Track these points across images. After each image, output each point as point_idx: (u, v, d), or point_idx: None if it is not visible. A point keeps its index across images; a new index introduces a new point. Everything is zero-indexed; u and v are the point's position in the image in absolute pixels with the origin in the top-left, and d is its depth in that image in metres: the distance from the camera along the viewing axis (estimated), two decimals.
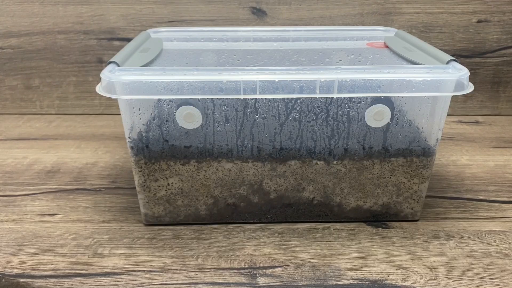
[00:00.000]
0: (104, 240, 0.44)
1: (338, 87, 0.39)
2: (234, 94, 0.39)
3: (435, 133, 0.43)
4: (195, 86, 0.39)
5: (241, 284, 0.39)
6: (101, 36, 0.71)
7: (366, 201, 0.46)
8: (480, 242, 0.44)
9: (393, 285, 0.39)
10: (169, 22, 0.71)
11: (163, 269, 0.40)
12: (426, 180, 0.45)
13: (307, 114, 0.42)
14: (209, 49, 0.56)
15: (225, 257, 0.42)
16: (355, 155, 0.44)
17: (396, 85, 0.39)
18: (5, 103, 0.75)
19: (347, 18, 0.71)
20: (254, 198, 0.45)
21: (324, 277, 0.39)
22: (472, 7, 0.70)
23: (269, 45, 0.57)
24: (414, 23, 0.71)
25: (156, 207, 0.45)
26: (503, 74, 0.74)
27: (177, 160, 0.43)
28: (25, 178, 0.56)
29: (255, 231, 0.46)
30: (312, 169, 0.44)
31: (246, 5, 0.70)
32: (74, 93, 0.75)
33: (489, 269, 0.40)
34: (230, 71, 0.39)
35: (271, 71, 0.40)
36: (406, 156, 0.44)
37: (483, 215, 0.49)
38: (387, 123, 0.42)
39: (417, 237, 0.45)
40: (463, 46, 0.72)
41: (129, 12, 0.70)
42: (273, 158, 0.44)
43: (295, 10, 0.70)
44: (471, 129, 0.71)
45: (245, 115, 0.42)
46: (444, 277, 0.39)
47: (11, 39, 0.72)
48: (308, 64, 0.51)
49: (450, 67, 0.42)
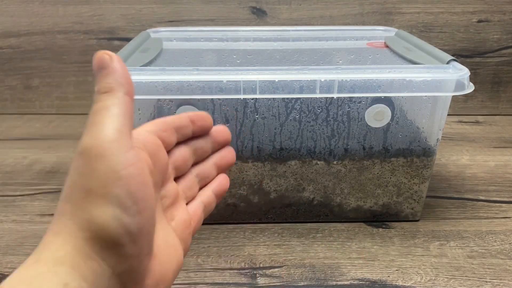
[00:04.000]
0: None
1: (338, 87, 0.39)
2: (234, 94, 0.39)
3: (436, 133, 0.43)
4: (195, 86, 0.39)
5: (241, 284, 0.39)
6: (101, 36, 0.71)
7: (367, 201, 0.46)
8: (481, 242, 0.44)
9: (393, 285, 0.39)
10: (169, 22, 0.71)
11: None
12: (426, 180, 0.45)
13: (307, 114, 0.42)
14: (209, 49, 0.56)
15: (225, 257, 0.42)
16: (355, 155, 0.44)
17: (396, 85, 0.39)
18: (5, 103, 0.75)
19: (347, 18, 0.71)
20: (254, 198, 0.45)
21: (324, 277, 0.39)
22: (472, 7, 0.70)
23: (269, 45, 0.57)
24: (414, 23, 0.71)
25: None
26: (504, 74, 0.74)
27: None
28: (25, 178, 0.56)
29: (255, 231, 0.46)
30: (312, 169, 0.44)
31: (246, 5, 0.70)
32: (74, 93, 0.75)
33: (489, 269, 0.40)
34: (230, 71, 0.39)
35: (271, 71, 0.39)
36: (407, 156, 0.44)
37: (483, 215, 0.48)
38: (388, 123, 0.42)
39: (417, 237, 0.45)
40: (464, 46, 0.72)
41: (129, 12, 0.70)
42: (273, 158, 0.43)
43: (295, 10, 0.70)
44: (471, 129, 0.71)
45: (245, 115, 0.42)
46: (445, 277, 0.39)
47: (11, 39, 0.72)
48: (308, 64, 0.51)
49: (450, 67, 0.42)
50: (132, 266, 0.22)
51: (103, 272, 0.21)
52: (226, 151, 0.32)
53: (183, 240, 0.28)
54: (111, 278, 0.22)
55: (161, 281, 0.25)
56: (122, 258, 0.22)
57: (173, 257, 0.26)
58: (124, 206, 0.21)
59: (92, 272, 0.21)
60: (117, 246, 0.21)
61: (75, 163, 0.22)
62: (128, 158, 0.22)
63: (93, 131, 0.22)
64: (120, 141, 0.22)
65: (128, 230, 0.21)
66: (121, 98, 0.23)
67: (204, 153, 0.30)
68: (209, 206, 0.31)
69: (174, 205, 0.28)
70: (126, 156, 0.22)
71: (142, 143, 0.25)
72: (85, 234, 0.21)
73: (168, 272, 0.25)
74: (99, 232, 0.21)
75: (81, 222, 0.21)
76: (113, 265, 0.22)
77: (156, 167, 0.25)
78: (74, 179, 0.22)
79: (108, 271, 0.22)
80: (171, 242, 0.26)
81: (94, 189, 0.21)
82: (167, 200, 0.27)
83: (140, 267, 0.23)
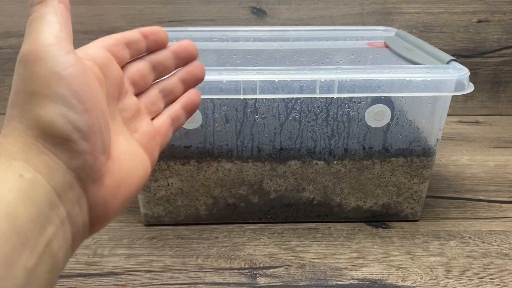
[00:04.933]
0: (104, 240, 0.44)
1: (338, 87, 0.39)
2: (234, 94, 0.39)
3: (435, 133, 0.43)
4: None
5: (241, 284, 0.39)
6: (101, 36, 0.71)
7: (366, 201, 0.46)
8: (481, 242, 0.44)
9: (393, 285, 0.39)
10: (169, 22, 0.71)
11: (163, 269, 0.40)
12: (426, 180, 0.45)
13: (307, 114, 0.42)
14: (209, 49, 0.56)
15: (225, 257, 0.42)
16: (355, 155, 0.44)
17: (396, 85, 0.39)
18: (5, 103, 0.75)
19: (347, 18, 0.71)
20: (254, 198, 0.45)
21: (324, 277, 0.39)
22: (472, 7, 0.70)
23: (269, 45, 0.57)
24: (414, 23, 0.71)
25: (156, 207, 0.45)
26: (504, 74, 0.74)
27: (177, 160, 0.43)
28: None
29: (255, 231, 0.46)
30: (312, 169, 0.44)
31: (246, 5, 0.70)
32: None
33: (489, 269, 0.40)
34: (230, 71, 0.39)
35: (271, 71, 0.40)
36: (406, 156, 0.44)
37: (483, 215, 0.48)
38: (387, 123, 0.42)
39: (417, 237, 0.45)
40: (463, 46, 0.72)
41: (129, 12, 0.70)
42: (273, 158, 0.43)
43: (295, 10, 0.70)
44: (471, 129, 0.71)
45: (245, 115, 0.42)
46: (445, 277, 0.39)
47: (11, 39, 0.72)
48: (308, 64, 0.51)
49: (450, 67, 0.42)
50: (87, 162, 0.23)
51: (57, 167, 0.22)
52: (193, 65, 0.32)
53: (148, 151, 0.29)
54: (66, 172, 0.23)
55: (123, 184, 0.26)
56: (74, 154, 0.23)
57: (137, 164, 0.28)
58: (69, 104, 0.22)
59: (46, 165, 0.22)
60: (68, 142, 0.22)
61: (17, 70, 0.23)
62: (68, 59, 0.23)
63: (31, 38, 0.23)
64: (58, 45, 0.23)
65: (77, 127, 0.23)
66: (56, 6, 0.24)
67: (165, 68, 0.31)
68: (178, 120, 0.32)
69: (136, 118, 0.29)
70: (66, 57, 0.23)
71: (91, 56, 0.26)
72: (35, 132, 0.22)
73: (131, 177, 0.27)
74: (48, 130, 0.22)
75: (29, 122, 0.22)
76: (66, 161, 0.23)
77: (108, 80, 0.27)
78: (17, 85, 0.23)
79: (63, 166, 0.23)
80: (134, 150, 0.28)
81: (37, 90, 0.22)
82: (127, 112, 0.29)
83: (95, 165, 0.24)
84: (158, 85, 0.31)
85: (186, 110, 0.32)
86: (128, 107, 0.29)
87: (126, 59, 0.29)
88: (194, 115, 0.41)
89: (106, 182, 0.25)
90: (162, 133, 0.31)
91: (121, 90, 0.28)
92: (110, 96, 0.27)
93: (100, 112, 0.24)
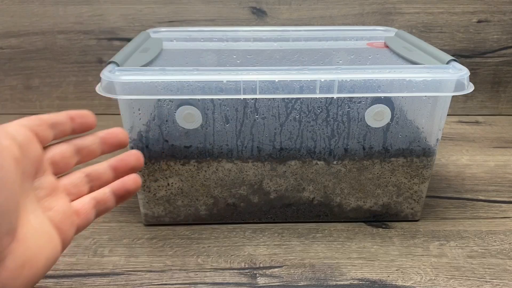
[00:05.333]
0: (104, 240, 0.44)
1: (338, 87, 0.39)
2: (234, 94, 0.39)
3: (435, 133, 0.43)
4: (195, 86, 0.39)
5: (241, 284, 0.39)
6: (101, 36, 0.71)
7: (366, 201, 0.46)
8: (481, 242, 0.44)
9: (393, 285, 0.39)
10: (169, 22, 0.71)
11: (163, 269, 0.40)
12: (426, 180, 0.45)
13: (307, 114, 0.42)
14: (209, 49, 0.56)
15: (225, 257, 0.42)
16: (355, 155, 0.44)
17: (396, 85, 0.39)
18: (5, 103, 0.75)
19: (347, 18, 0.71)
20: (254, 198, 0.45)
21: (324, 277, 0.39)
22: (472, 7, 0.70)
23: (269, 45, 0.57)
24: (414, 23, 0.71)
25: (156, 207, 0.45)
26: (504, 74, 0.74)
27: (177, 160, 0.43)
28: None
29: (255, 231, 0.46)
30: (312, 169, 0.44)
31: (246, 5, 0.70)
32: (74, 93, 0.75)
33: (489, 269, 0.40)
34: (230, 71, 0.39)
35: (271, 71, 0.40)
36: (406, 156, 0.44)
37: (483, 215, 0.49)
38: (387, 123, 0.42)
39: (417, 237, 0.45)
40: (463, 46, 0.72)
41: (129, 12, 0.70)
42: (273, 158, 0.44)
43: (295, 10, 0.70)
44: (471, 129, 0.71)
45: (245, 115, 0.42)
46: (444, 277, 0.39)
47: (11, 39, 0.72)
48: (308, 64, 0.51)
49: (450, 67, 0.42)
50: None
51: None
52: (127, 154, 0.33)
53: (61, 230, 0.29)
54: None
55: (27, 264, 0.25)
56: None
57: (45, 243, 0.27)
58: None
59: None
60: None
61: None
62: None
63: None
64: None
65: None
66: None
67: (90, 152, 0.32)
68: (104, 204, 0.32)
69: (51, 197, 0.29)
70: None
71: (11, 134, 0.26)
72: None
73: (37, 257, 0.26)
74: None
75: None
76: None
77: (27, 158, 0.27)
78: None
79: None
80: (44, 229, 0.27)
81: None
82: (42, 191, 0.29)
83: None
84: (85, 169, 0.32)
85: (116, 195, 0.32)
86: (44, 185, 0.29)
87: (49, 139, 0.29)
88: (194, 115, 0.41)
89: (7, 264, 0.24)
90: (82, 214, 0.31)
91: (38, 168, 0.28)
92: (26, 174, 0.27)
93: (10, 193, 0.24)
